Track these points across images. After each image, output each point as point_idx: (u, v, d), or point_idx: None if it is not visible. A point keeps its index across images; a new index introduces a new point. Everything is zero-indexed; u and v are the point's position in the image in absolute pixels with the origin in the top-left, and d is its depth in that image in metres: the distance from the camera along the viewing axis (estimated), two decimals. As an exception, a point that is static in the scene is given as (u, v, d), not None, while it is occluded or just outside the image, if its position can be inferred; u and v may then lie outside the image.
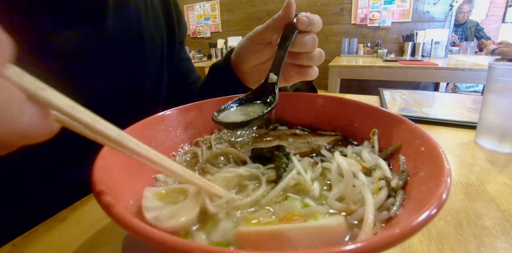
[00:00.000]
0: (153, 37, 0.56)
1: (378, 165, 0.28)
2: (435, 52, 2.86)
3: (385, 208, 0.23)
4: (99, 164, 0.23)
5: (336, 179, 0.27)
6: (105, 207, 0.18)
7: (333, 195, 0.25)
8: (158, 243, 0.15)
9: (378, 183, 0.25)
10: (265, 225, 0.21)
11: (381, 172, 0.27)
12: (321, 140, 0.37)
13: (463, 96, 0.90)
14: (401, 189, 0.25)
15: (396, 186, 0.25)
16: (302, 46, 0.40)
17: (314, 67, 0.44)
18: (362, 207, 0.23)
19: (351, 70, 2.43)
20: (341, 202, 0.24)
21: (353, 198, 0.24)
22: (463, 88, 3.46)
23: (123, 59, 0.50)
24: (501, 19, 3.38)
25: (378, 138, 0.34)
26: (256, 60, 0.48)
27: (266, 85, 0.39)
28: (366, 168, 0.28)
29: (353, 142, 0.38)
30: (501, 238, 0.29)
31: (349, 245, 0.14)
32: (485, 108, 0.52)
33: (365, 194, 0.23)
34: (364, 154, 0.31)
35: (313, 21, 0.39)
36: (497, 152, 0.50)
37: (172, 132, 0.37)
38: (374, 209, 0.22)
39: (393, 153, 0.30)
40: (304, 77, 0.44)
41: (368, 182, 0.26)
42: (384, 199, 0.24)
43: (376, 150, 0.32)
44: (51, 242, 0.31)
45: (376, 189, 0.25)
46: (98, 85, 0.46)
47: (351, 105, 0.39)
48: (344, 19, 3.49)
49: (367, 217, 0.21)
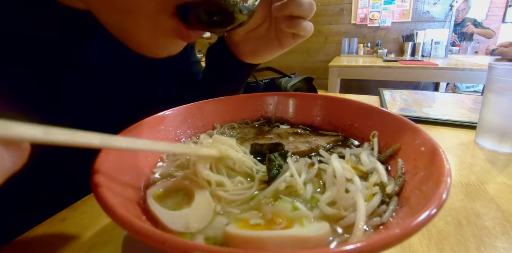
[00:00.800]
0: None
1: (375, 168, 0.28)
2: (435, 52, 2.86)
3: (377, 214, 0.22)
4: (99, 164, 0.23)
5: (331, 182, 0.26)
6: (105, 207, 0.18)
7: (325, 199, 0.24)
8: (158, 243, 0.15)
9: (372, 189, 0.25)
10: (252, 228, 0.21)
11: (377, 176, 0.27)
12: (321, 140, 0.37)
13: (463, 96, 0.90)
14: (396, 196, 0.24)
15: (391, 192, 0.24)
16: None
17: (306, 21, 0.41)
18: (353, 213, 0.22)
19: (351, 70, 2.43)
20: (333, 206, 0.24)
21: (345, 203, 0.23)
22: (463, 88, 3.46)
23: (137, 74, 0.49)
24: (501, 19, 3.39)
25: (378, 139, 0.33)
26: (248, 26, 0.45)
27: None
28: (363, 172, 0.28)
29: (354, 142, 0.37)
30: (501, 238, 0.29)
31: (349, 245, 0.14)
32: (485, 108, 0.52)
33: (357, 200, 0.23)
34: (363, 157, 0.30)
35: None
36: (497, 152, 0.50)
37: (172, 132, 0.37)
38: (365, 216, 0.21)
39: (392, 155, 0.30)
40: (297, 29, 0.41)
41: (363, 187, 0.25)
42: (377, 205, 0.23)
43: (376, 153, 0.32)
44: (51, 242, 0.31)
45: (370, 195, 0.24)
46: (109, 99, 0.46)
47: (351, 105, 0.39)
48: (344, 19, 3.49)
49: (358, 224, 0.20)
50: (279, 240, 0.19)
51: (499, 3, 3.34)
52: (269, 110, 0.45)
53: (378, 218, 0.22)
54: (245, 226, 0.22)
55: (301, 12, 0.39)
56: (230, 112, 0.43)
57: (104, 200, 0.18)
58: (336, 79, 2.44)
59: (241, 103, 0.43)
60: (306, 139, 0.37)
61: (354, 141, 0.38)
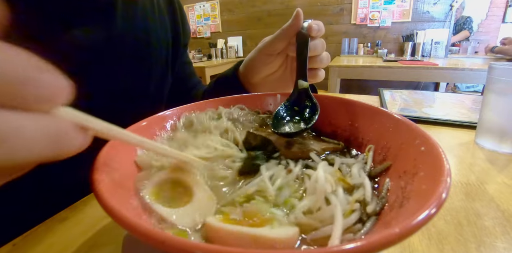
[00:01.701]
0: (159, 41, 0.56)
1: (362, 184, 0.27)
2: (435, 52, 2.86)
3: (351, 231, 0.22)
4: (99, 164, 0.23)
5: (312, 189, 0.25)
6: (105, 207, 0.18)
7: (301, 206, 0.24)
8: (158, 243, 0.15)
9: (354, 205, 0.24)
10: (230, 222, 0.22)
11: (362, 193, 0.26)
12: (317, 145, 0.35)
13: (463, 96, 0.90)
14: (374, 216, 0.23)
15: (371, 212, 0.23)
16: (314, 50, 0.43)
17: (321, 69, 0.46)
18: (327, 226, 0.22)
19: (351, 70, 2.43)
20: (309, 215, 0.23)
21: (321, 215, 0.23)
22: (463, 88, 3.46)
23: (129, 63, 0.50)
24: (501, 19, 3.39)
25: (376, 141, 0.33)
26: (267, 70, 0.50)
27: (296, 93, 0.41)
28: (349, 185, 0.27)
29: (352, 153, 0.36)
30: (501, 238, 0.29)
31: (349, 244, 0.14)
32: (485, 108, 0.52)
33: (336, 214, 0.22)
34: (354, 169, 0.29)
35: (321, 27, 0.42)
36: (497, 152, 0.50)
37: (172, 132, 0.37)
38: (341, 232, 0.21)
39: (383, 171, 0.29)
40: (314, 79, 0.46)
41: (345, 200, 0.24)
42: (353, 223, 0.22)
43: (368, 167, 0.31)
44: (51, 242, 0.31)
45: (349, 211, 0.23)
46: (102, 87, 0.46)
47: (351, 105, 0.39)
48: (344, 19, 3.49)
49: (333, 239, 0.20)
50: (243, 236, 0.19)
51: (499, 3, 3.34)
52: (269, 110, 0.45)
53: (351, 234, 0.21)
54: (226, 220, 0.22)
55: (320, 65, 0.45)
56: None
57: (104, 200, 0.18)
58: (336, 79, 2.44)
59: (242, 103, 0.43)
60: (303, 141, 0.37)
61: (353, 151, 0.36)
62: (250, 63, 0.52)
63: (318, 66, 0.45)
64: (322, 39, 0.44)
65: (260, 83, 0.53)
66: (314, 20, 0.43)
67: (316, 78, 0.46)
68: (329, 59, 0.46)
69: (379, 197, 0.26)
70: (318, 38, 0.43)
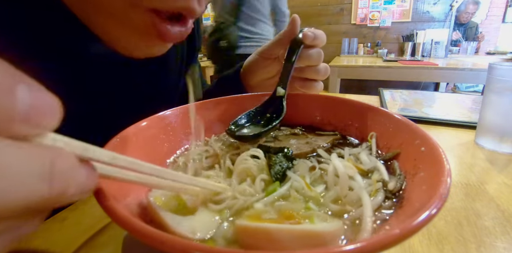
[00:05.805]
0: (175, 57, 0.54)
1: (376, 168, 0.28)
2: (435, 52, 2.86)
3: (382, 210, 0.23)
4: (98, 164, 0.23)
5: (333, 181, 0.26)
6: (105, 207, 0.18)
7: (329, 197, 0.25)
8: (158, 243, 0.15)
9: (376, 185, 0.25)
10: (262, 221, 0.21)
11: (378, 174, 0.27)
12: (320, 140, 0.37)
13: (463, 96, 0.90)
14: (398, 192, 0.25)
15: (393, 189, 0.25)
16: (308, 59, 0.41)
17: (319, 81, 0.45)
18: (358, 209, 0.23)
19: (351, 70, 2.43)
20: (337, 203, 0.24)
21: (349, 199, 0.24)
22: (463, 88, 3.46)
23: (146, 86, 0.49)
24: (501, 19, 3.39)
25: (377, 140, 0.34)
26: (264, 74, 0.50)
27: (273, 99, 0.41)
28: (363, 171, 0.28)
29: (352, 141, 0.37)
30: (501, 238, 0.29)
31: (349, 245, 0.14)
32: (485, 108, 0.52)
33: (362, 196, 0.23)
34: (362, 157, 0.31)
35: (317, 36, 0.40)
36: (497, 152, 0.50)
37: (171, 132, 0.37)
38: (372, 211, 0.22)
39: (391, 158, 0.30)
40: (309, 90, 0.45)
41: (366, 184, 0.26)
42: (382, 201, 0.24)
43: (374, 153, 0.32)
44: (51, 242, 0.31)
45: (374, 191, 0.25)
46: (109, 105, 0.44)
47: (351, 105, 0.39)
48: (344, 19, 3.49)
49: (365, 219, 0.21)
50: (287, 233, 0.18)
51: (499, 3, 3.34)
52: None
53: (383, 213, 0.22)
54: (257, 220, 0.22)
55: (317, 76, 0.44)
56: (230, 112, 0.43)
57: (104, 200, 0.18)
58: (336, 79, 2.44)
59: (241, 103, 0.43)
60: (305, 140, 0.37)
61: (352, 139, 0.38)
62: (249, 64, 0.52)
63: (314, 77, 0.44)
64: (319, 49, 0.42)
65: (257, 86, 0.53)
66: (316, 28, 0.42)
67: (312, 90, 0.45)
68: (328, 71, 0.44)
69: (395, 175, 0.27)
70: (316, 47, 0.42)
